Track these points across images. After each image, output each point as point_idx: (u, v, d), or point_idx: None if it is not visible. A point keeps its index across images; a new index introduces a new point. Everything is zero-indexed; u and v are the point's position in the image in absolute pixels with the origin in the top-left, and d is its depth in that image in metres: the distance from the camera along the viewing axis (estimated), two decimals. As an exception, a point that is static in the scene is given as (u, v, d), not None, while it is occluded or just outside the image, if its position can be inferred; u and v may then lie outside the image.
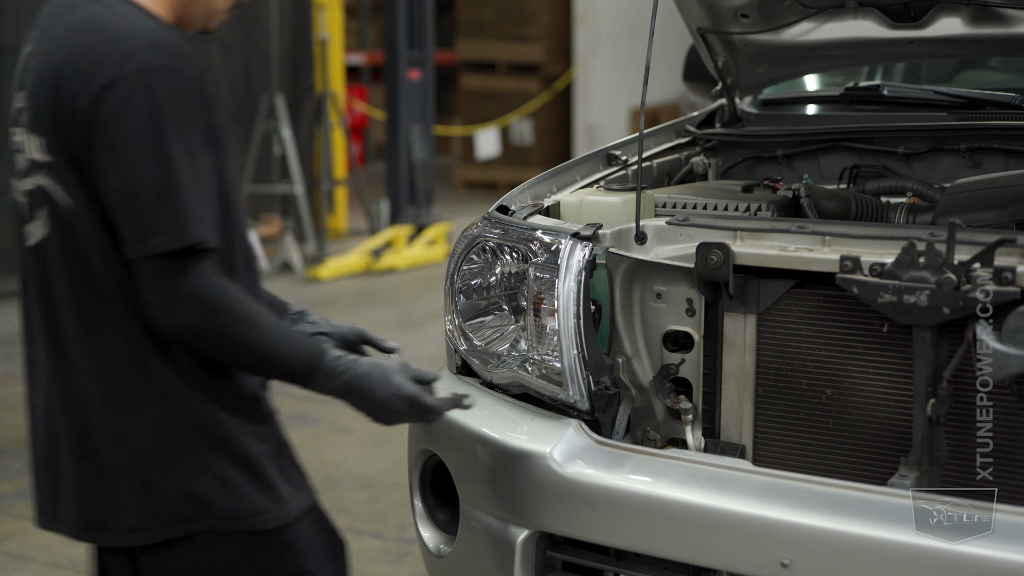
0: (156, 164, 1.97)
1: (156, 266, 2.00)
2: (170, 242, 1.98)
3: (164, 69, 1.99)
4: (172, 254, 1.99)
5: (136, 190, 1.98)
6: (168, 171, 1.98)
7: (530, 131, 11.31)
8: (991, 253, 2.21)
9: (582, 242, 2.55)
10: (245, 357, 2.08)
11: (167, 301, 2.01)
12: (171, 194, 1.98)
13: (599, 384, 2.52)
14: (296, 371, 2.13)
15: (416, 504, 2.79)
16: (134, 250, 2.00)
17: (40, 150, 2.07)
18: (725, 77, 3.43)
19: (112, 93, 1.97)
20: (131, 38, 2.00)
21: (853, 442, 2.39)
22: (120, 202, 2.00)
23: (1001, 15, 3.02)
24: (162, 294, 2.01)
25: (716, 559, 2.30)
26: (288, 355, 2.11)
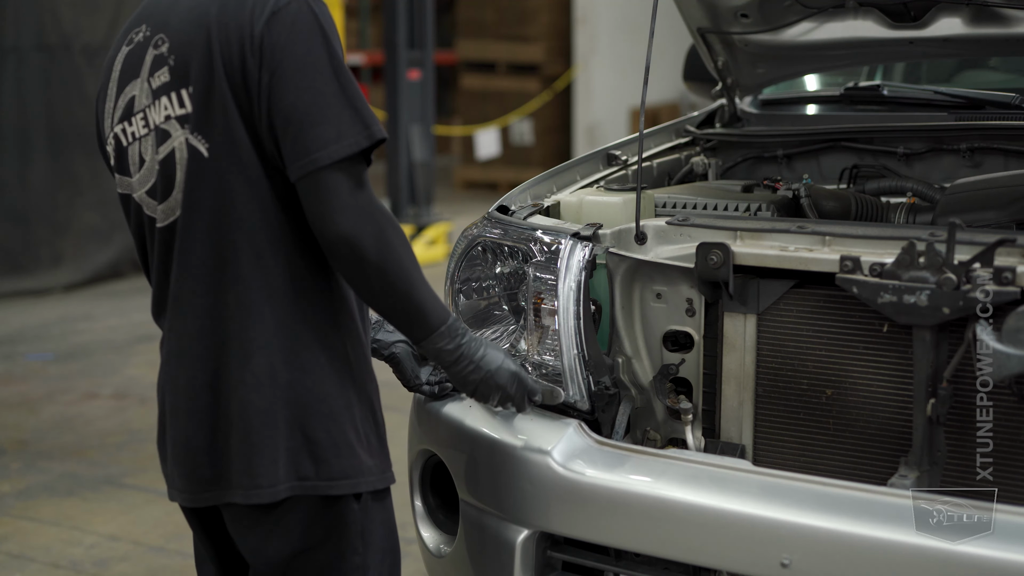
0: (333, 74, 2.09)
1: (341, 171, 2.07)
2: (360, 142, 2.08)
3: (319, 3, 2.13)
4: (356, 157, 2.08)
5: (320, 100, 2.07)
6: (344, 79, 2.10)
7: (530, 131, 11.31)
8: (991, 253, 2.21)
9: (582, 242, 2.55)
10: (389, 285, 2.12)
11: (349, 207, 2.08)
12: (352, 98, 2.10)
13: (599, 384, 2.53)
14: (427, 319, 2.18)
15: (416, 504, 2.79)
16: (320, 158, 2.06)
17: (188, 101, 2.13)
18: (725, 77, 3.43)
19: (283, 16, 2.09)
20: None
21: (853, 442, 2.39)
22: (299, 115, 2.07)
23: (1001, 15, 3.02)
24: (344, 199, 2.07)
25: (716, 559, 2.30)
26: (426, 299, 2.16)
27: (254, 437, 2.13)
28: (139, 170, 2.20)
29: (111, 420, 5.45)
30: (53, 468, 4.88)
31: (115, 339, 6.76)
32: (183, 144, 2.14)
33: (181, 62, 2.14)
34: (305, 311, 2.14)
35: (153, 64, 2.17)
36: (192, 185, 2.13)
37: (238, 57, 2.09)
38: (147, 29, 2.20)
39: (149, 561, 4.05)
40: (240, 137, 2.10)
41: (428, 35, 8.91)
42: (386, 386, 2.54)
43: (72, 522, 4.35)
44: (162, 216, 2.18)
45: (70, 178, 8.08)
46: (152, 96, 2.17)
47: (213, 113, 2.11)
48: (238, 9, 2.11)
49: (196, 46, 2.12)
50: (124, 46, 2.23)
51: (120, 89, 2.22)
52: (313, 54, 2.09)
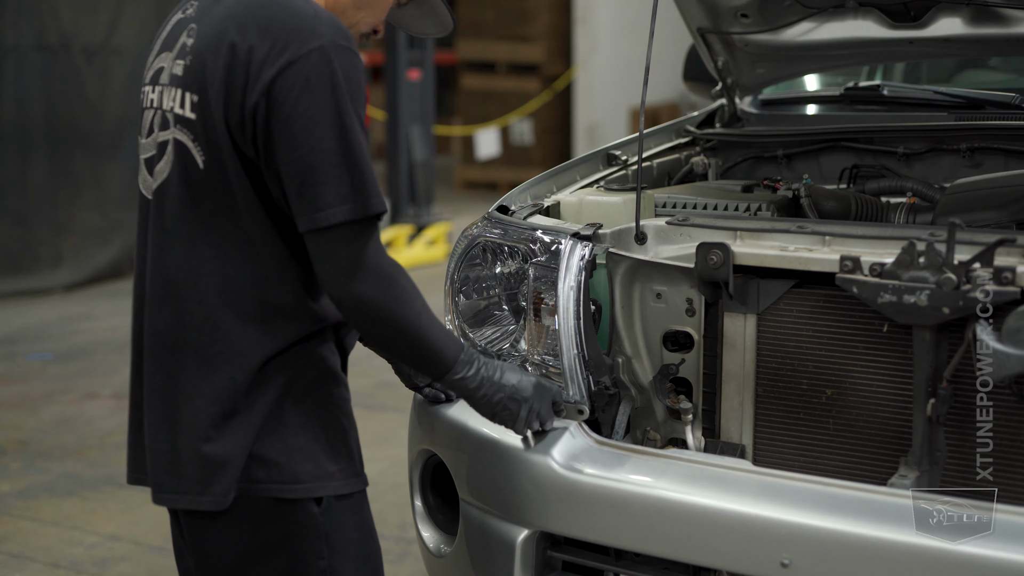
0: (339, 137, 2.05)
1: (339, 235, 2.06)
2: (357, 210, 2.06)
3: (343, 49, 2.08)
4: (354, 223, 2.06)
5: (322, 160, 2.05)
6: (350, 143, 2.06)
7: (530, 131, 11.31)
8: (991, 253, 2.21)
9: (582, 242, 2.55)
10: (401, 335, 2.14)
11: (348, 271, 2.08)
12: (355, 165, 2.06)
13: (599, 384, 2.53)
14: (442, 357, 2.20)
15: (416, 504, 2.79)
16: (319, 219, 2.06)
17: (189, 107, 2.12)
18: (725, 77, 3.43)
19: (299, 68, 2.05)
20: (314, 18, 2.09)
21: (853, 442, 2.39)
22: (302, 173, 2.05)
23: (1001, 15, 3.02)
24: (343, 264, 2.07)
25: (716, 559, 2.30)
26: (438, 338, 2.18)
27: (204, 446, 2.12)
28: (146, 137, 2.21)
29: (111, 420, 5.45)
30: (53, 468, 4.88)
31: (115, 339, 6.76)
32: (178, 144, 2.14)
33: (196, 66, 2.12)
34: (274, 327, 2.13)
35: (179, 51, 2.16)
36: (178, 187, 2.14)
37: (240, 91, 2.07)
38: (193, 9, 2.19)
39: (149, 561, 4.05)
40: (231, 163, 2.09)
41: (429, 35, 8.90)
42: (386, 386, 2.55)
43: (72, 522, 4.35)
44: (146, 190, 2.20)
45: (70, 178, 8.08)
46: (169, 80, 2.17)
47: (210, 133, 2.10)
48: (258, 40, 2.07)
49: (211, 59, 2.10)
50: (179, 12, 2.22)
51: (158, 54, 2.22)
52: (324, 112, 2.05)
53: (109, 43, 8.18)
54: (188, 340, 2.15)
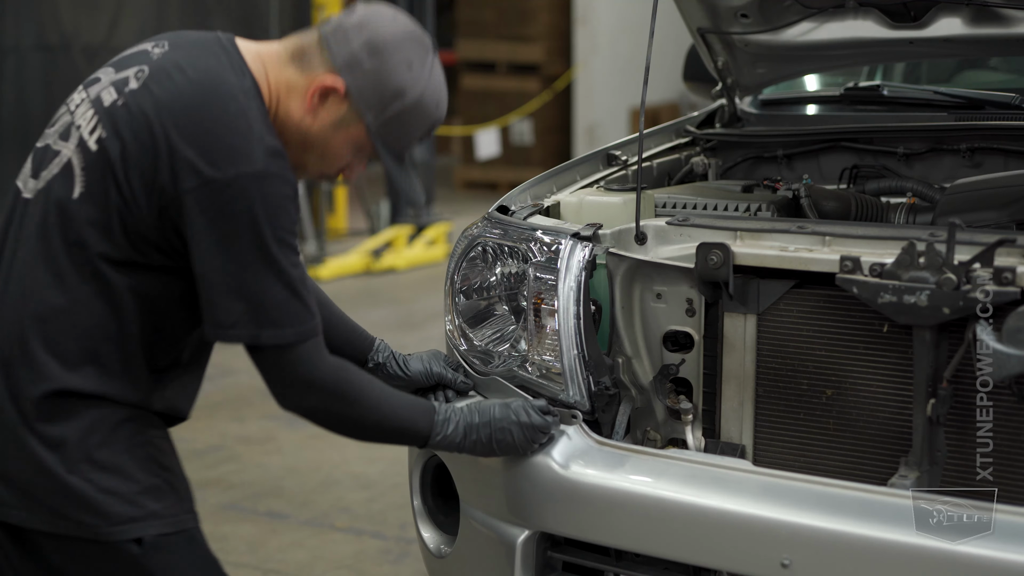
0: (258, 264, 2.04)
1: (265, 356, 2.09)
2: (275, 337, 2.07)
3: (276, 177, 2.05)
4: (262, 347, 2.08)
5: (237, 284, 2.05)
6: (269, 272, 2.05)
7: (530, 131, 11.31)
8: (991, 253, 2.21)
9: (582, 242, 2.55)
10: (362, 428, 2.21)
11: (285, 389, 2.12)
12: (269, 293, 2.06)
13: (599, 384, 2.52)
14: (416, 430, 2.26)
15: (416, 504, 2.79)
16: (215, 333, 2.08)
17: (95, 140, 2.10)
18: (725, 77, 3.43)
19: (226, 189, 2.02)
20: (248, 139, 2.05)
21: (853, 442, 2.39)
22: (216, 285, 2.06)
23: (1001, 15, 3.02)
24: (278, 383, 2.12)
25: (716, 559, 2.30)
26: (405, 417, 2.24)
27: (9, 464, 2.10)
28: (51, 133, 2.18)
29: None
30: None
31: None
32: (68, 164, 2.11)
33: (122, 114, 2.08)
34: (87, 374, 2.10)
35: (120, 83, 2.12)
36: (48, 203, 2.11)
37: (152, 174, 2.04)
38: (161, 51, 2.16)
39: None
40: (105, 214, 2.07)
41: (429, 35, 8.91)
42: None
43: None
44: (26, 190, 2.18)
45: (70, 178, 8.07)
46: (94, 100, 2.13)
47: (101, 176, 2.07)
48: (187, 143, 2.03)
49: (137, 126, 2.07)
50: (151, 43, 2.19)
51: (109, 64, 2.20)
52: (242, 240, 2.03)
53: (109, 43, 8.17)
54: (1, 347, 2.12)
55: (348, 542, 4.15)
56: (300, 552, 4.08)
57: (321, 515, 4.36)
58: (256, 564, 4.00)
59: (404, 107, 2.15)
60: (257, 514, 4.40)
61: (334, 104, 2.14)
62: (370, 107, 2.13)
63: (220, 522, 4.29)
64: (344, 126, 2.16)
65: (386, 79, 2.13)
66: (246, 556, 4.06)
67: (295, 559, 4.04)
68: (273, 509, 4.42)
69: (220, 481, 4.67)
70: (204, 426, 5.04)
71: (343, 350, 2.54)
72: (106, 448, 2.11)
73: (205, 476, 4.69)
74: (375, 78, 2.12)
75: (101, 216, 2.08)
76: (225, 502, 4.49)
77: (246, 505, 4.47)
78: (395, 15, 2.19)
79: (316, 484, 4.61)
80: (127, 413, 2.13)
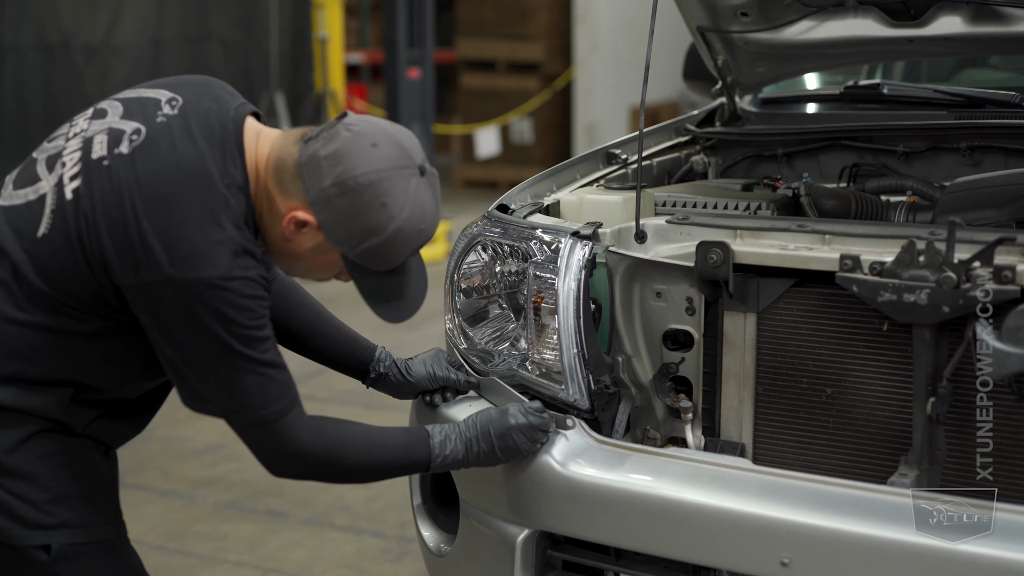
0: (223, 359, 2.05)
1: (243, 431, 2.13)
2: (249, 418, 2.10)
3: (239, 280, 2.04)
4: (237, 423, 2.12)
5: (203, 372, 2.07)
6: (234, 365, 2.06)
7: (530, 130, 11.31)
8: (991, 252, 2.21)
9: (582, 241, 2.55)
10: (359, 476, 2.24)
11: (271, 460, 2.16)
12: (237, 382, 2.07)
13: (599, 383, 2.52)
14: (416, 460, 2.28)
15: (416, 503, 2.79)
16: (210, 411, 2.12)
17: (71, 189, 2.09)
18: (725, 76, 3.43)
19: (187, 290, 2.02)
20: (221, 243, 2.03)
21: (853, 441, 2.39)
22: (180, 370, 2.09)
23: (1001, 14, 3.02)
24: (263, 454, 2.15)
25: (716, 558, 2.30)
26: (400, 454, 2.26)
27: None
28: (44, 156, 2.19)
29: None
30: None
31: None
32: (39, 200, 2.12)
33: (102, 179, 2.08)
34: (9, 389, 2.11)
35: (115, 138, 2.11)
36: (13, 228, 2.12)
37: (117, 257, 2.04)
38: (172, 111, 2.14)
39: (149, 560, 4.04)
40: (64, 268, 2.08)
41: (428, 34, 8.91)
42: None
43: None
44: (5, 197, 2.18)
45: (70, 178, 8.07)
46: (81, 146, 2.13)
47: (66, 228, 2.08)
48: (155, 236, 2.02)
49: (111, 201, 2.06)
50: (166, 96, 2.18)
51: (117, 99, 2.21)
52: (206, 339, 2.03)
53: (109, 42, 8.17)
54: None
55: (348, 541, 4.15)
56: (300, 551, 4.08)
57: (321, 514, 4.36)
58: (256, 563, 4.00)
59: (379, 242, 2.11)
60: (257, 513, 4.40)
61: (309, 233, 2.12)
62: (342, 242, 2.11)
63: (220, 521, 4.30)
64: (323, 252, 2.15)
65: (357, 219, 2.09)
66: (246, 555, 4.06)
67: (295, 558, 4.04)
68: (273, 508, 4.42)
69: (220, 480, 4.67)
70: (204, 425, 5.04)
71: (344, 362, 2.55)
72: (16, 455, 2.11)
73: (205, 475, 4.69)
74: (346, 217, 2.09)
75: (52, 262, 2.08)
76: (225, 501, 4.49)
77: (246, 504, 4.47)
78: (373, 141, 2.12)
79: (316, 483, 4.60)
80: (43, 426, 2.13)
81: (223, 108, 2.16)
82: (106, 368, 2.15)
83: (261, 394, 2.08)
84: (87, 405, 2.17)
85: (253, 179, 2.13)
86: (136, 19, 8.19)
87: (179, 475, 4.71)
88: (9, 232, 2.12)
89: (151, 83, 2.24)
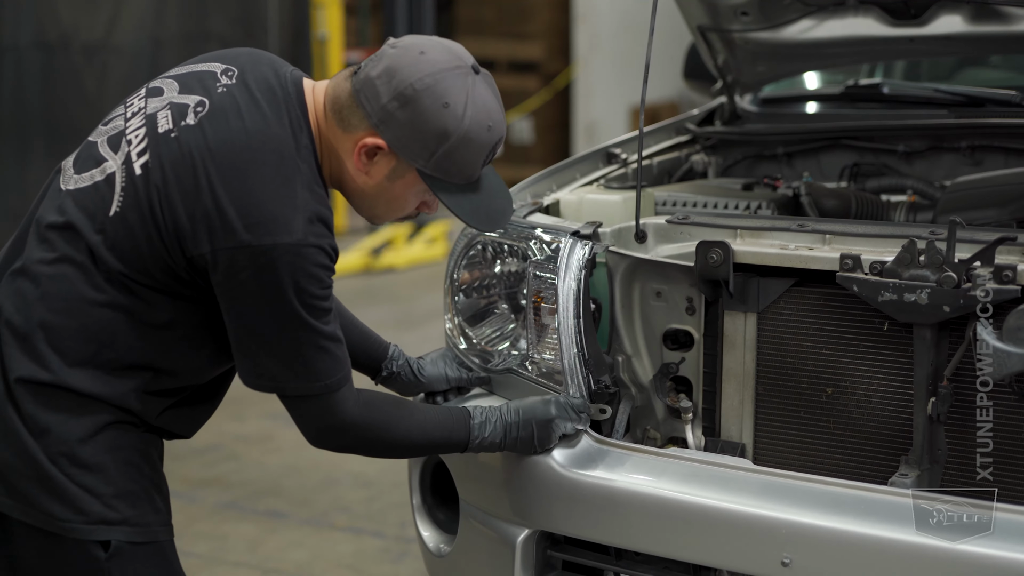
0: (288, 328, 2.06)
1: (294, 404, 2.14)
2: (303, 389, 2.11)
3: (312, 247, 2.04)
4: (288, 397, 2.13)
5: (266, 343, 2.07)
6: (298, 335, 2.06)
7: (530, 129, 11.31)
8: (991, 251, 2.20)
9: (582, 240, 2.54)
10: (400, 452, 2.26)
11: (318, 434, 2.17)
12: (298, 353, 2.08)
13: (599, 383, 2.52)
14: (456, 440, 2.30)
15: (416, 503, 2.78)
16: (264, 386, 2.12)
17: (140, 164, 2.09)
18: (725, 75, 3.42)
19: (261, 256, 2.02)
20: (295, 208, 2.04)
21: (853, 441, 2.39)
22: (243, 340, 2.09)
23: (1001, 13, 3.01)
24: (310, 428, 2.16)
25: (717, 558, 2.30)
26: (442, 433, 2.28)
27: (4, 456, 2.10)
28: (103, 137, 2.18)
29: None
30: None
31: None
32: (109, 178, 2.11)
33: (171, 146, 2.08)
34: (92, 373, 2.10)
35: (179, 111, 2.11)
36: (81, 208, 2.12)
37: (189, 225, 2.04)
38: (228, 81, 2.13)
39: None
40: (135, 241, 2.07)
41: (428, 33, 8.89)
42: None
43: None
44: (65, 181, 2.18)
45: (69, 177, 8.06)
46: (145, 121, 2.12)
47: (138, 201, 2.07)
48: (230, 201, 2.02)
49: (181, 168, 2.06)
50: (220, 67, 2.17)
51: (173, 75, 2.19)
52: (273, 307, 2.04)
53: (108, 41, 8.17)
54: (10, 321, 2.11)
55: (348, 541, 4.15)
56: (300, 551, 4.08)
57: (321, 514, 4.36)
58: (256, 563, 4.00)
59: (452, 146, 2.10)
60: (257, 513, 4.39)
61: (383, 159, 2.12)
62: (416, 156, 2.10)
63: (220, 521, 4.29)
64: (400, 176, 2.14)
65: (423, 126, 2.08)
66: (246, 555, 4.06)
67: (295, 558, 4.03)
68: (272, 508, 4.42)
69: (219, 480, 4.67)
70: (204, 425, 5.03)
71: (357, 359, 2.54)
72: (88, 445, 2.10)
73: (204, 475, 4.68)
74: (412, 128, 2.08)
75: (126, 239, 2.08)
76: (225, 501, 4.49)
77: (245, 504, 4.47)
78: (421, 49, 2.12)
79: (316, 483, 4.60)
80: (117, 416, 2.12)
81: (280, 72, 2.16)
82: (181, 349, 2.15)
83: (320, 366, 2.09)
84: (161, 394, 2.16)
85: (316, 133, 2.13)
86: (135, 18, 8.19)
87: (179, 475, 4.70)
88: (80, 215, 2.11)
89: (198, 58, 2.23)
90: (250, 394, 2.20)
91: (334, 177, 2.17)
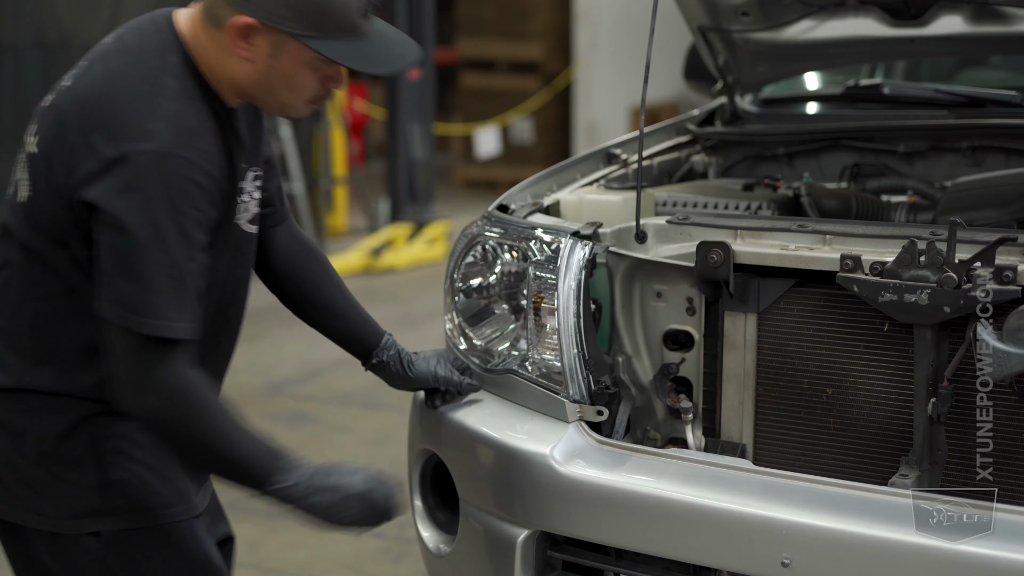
0: (148, 249, 1.97)
1: (126, 341, 2.00)
2: (128, 319, 1.98)
3: (180, 158, 2.00)
4: (132, 333, 1.99)
5: (124, 266, 1.98)
6: (157, 255, 1.98)
7: (530, 129, 11.30)
8: (992, 252, 2.20)
9: (582, 241, 2.54)
10: (196, 450, 2.08)
11: (136, 384, 2.01)
12: (152, 279, 1.98)
13: (599, 383, 2.52)
14: (248, 475, 2.12)
15: (416, 503, 2.78)
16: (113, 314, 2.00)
17: (35, 144, 2.12)
18: (725, 75, 3.42)
19: (124, 165, 1.98)
20: (157, 118, 2.01)
21: (854, 441, 2.39)
22: (106, 265, 2.00)
23: (1002, 13, 3.01)
24: (132, 376, 2.01)
25: (717, 559, 2.30)
26: (242, 459, 2.09)
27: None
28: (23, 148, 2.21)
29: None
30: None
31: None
32: (23, 166, 2.15)
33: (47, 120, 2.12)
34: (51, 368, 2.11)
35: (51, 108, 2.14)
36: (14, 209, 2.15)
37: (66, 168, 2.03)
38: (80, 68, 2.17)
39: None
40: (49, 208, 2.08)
41: (428, 33, 8.91)
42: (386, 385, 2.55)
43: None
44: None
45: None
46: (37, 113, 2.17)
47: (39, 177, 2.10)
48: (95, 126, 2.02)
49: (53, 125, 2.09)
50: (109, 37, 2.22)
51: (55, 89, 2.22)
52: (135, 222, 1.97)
53: (108, 41, 8.17)
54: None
55: (347, 541, 4.15)
56: (300, 551, 4.08)
57: (321, 514, 4.35)
58: (256, 564, 3.99)
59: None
60: (256, 513, 4.38)
61: (260, 39, 2.06)
62: (285, 20, 2.04)
63: (220, 521, 4.29)
64: (282, 49, 2.08)
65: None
66: (246, 556, 4.05)
67: (295, 559, 4.03)
68: (272, 508, 4.41)
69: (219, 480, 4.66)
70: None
71: (351, 341, 2.52)
72: (69, 441, 2.10)
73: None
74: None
75: (43, 217, 2.08)
76: (224, 501, 4.46)
77: (245, 504, 4.45)
78: None
79: (316, 483, 4.60)
80: (93, 408, 2.12)
81: (154, 15, 2.17)
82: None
83: (166, 304, 1.99)
84: None
85: (196, 48, 2.10)
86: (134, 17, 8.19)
87: (179, 475, 4.70)
88: (11, 216, 2.14)
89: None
90: (249, 396, 2.21)
91: (233, 84, 2.12)
